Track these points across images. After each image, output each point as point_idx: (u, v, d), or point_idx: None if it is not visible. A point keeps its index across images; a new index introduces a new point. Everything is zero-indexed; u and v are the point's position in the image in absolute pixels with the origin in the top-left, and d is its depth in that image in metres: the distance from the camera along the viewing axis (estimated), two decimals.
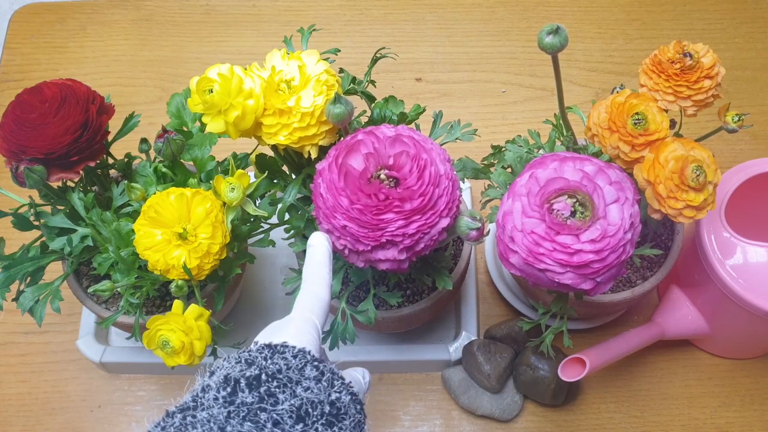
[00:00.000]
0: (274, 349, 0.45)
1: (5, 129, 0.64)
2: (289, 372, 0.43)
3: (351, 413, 0.44)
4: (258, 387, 0.42)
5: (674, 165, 0.58)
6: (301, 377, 0.43)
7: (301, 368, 0.44)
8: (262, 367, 0.43)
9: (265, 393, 0.41)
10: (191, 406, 0.42)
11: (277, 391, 0.42)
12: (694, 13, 1.11)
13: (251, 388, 0.42)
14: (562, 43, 0.59)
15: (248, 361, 0.44)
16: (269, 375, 0.43)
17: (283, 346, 0.46)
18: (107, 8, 1.13)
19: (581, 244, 0.54)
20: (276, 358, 0.44)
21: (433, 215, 0.55)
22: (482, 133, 0.75)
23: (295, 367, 0.44)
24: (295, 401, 0.41)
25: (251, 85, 0.60)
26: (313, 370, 0.44)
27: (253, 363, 0.44)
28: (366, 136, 0.57)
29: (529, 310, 0.87)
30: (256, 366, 0.43)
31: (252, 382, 0.42)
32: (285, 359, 0.44)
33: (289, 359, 0.45)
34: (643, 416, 0.84)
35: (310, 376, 0.44)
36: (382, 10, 1.12)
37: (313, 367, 0.44)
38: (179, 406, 0.42)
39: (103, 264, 0.67)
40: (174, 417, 0.41)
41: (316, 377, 0.44)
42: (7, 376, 0.88)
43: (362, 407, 0.47)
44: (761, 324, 0.76)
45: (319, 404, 0.42)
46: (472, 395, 0.83)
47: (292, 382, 0.43)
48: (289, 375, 0.43)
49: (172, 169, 0.69)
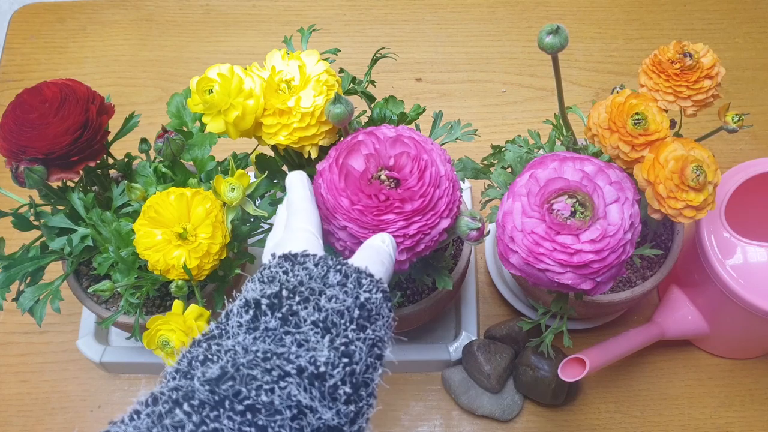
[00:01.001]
0: (293, 260, 0.44)
1: (5, 129, 0.64)
2: (312, 282, 0.42)
3: (384, 313, 0.43)
4: (280, 307, 0.41)
5: (674, 165, 0.58)
6: (324, 286, 0.42)
7: (324, 275, 0.43)
8: (282, 282, 0.42)
9: (287, 313, 0.40)
10: (216, 334, 0.41)
11: (300, 309, 0.41)
12: (694, 13, 1.11)
13: (273, 309, 0.41)
14: (562, 43, 0.59)
15: (269, 278, 0.43)
16: (290, 290, 0.41)
17: (303, 256, 0.44)
18: (107, 8, 1.13)
19: (581, 244, 0.54)
20: (297, 270, 0.43)
21: (434, 216, 0.55)
22: (482, 133, 0.75)
23: (318, 275, 0.43)
24: (319, 315, 0.40)
25: (251, 85, 0.60)
26: (337, 274, 0.43)
27: (274, 279, 0.43)
28: (366, 136, 0.57)
29: (529, 310, 0.87)
30: (277, 282, 0.42)
31: (273, 302, 0.41)
32: (306, 269, 0.43)
33: (310, 268, 0.43)
34: (643, 416, 0.84)
35: (333, 282, 0.42)
36: (382, 10, 1.12)
37: (337, 272, 0.43)
38: (205, 333, 0.42)
39: (103, 264, 0.67)
40: (200, 345, 0.41)
41: (341, 282, 0.42)
42: (7, 376, 0.88)
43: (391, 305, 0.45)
44: (761, 324, 0.76)
45: (346, 311, 0.41)
46: (472, 395, 0.83)
47: (315, 293, 0.41)
48: (312, 286, 0.42)
49: (172, 169, 0.69)
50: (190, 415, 0.36)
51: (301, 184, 0.54)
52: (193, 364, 0.40)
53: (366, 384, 0.41)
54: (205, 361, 0.39)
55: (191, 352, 0.41)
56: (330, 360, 0.39)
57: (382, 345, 0.43)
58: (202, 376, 0.38)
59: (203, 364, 0.39)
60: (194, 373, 0.39)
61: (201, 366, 0.39)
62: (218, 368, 0.38)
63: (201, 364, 0.39)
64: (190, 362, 0.40)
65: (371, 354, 0.41)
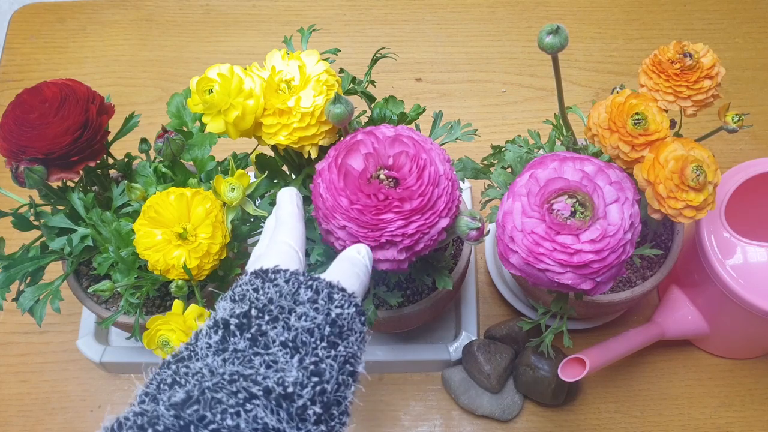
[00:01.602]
0: (264, 277, 0.43)
1: (5, 129, 0.64)
2: (282, 300, 0.41)
3: (356, 328, 0.42)
4: (248, 328, 0.40)
5: (674, 165, 0.58)
6: (294, 304, 0.41)
7: (294, 292, 0.42)
8: (252, 300, 0.42)
9: (256, 333, 0.40)
10: (185, 356, 0.41)
11: (269, 329, 0.40)
12: (694, 13, 1.11)
13: (241, 330, 0.40)
14: (562, 43, 0.59)
15: (240, 296, 0.43)
16: (259, 309, 0.41)
17: (274, 272, 0.44)
18: (107, 8, 1.13)
19: (581, 244, 0.54)
20: (267, 287, 0.42)
21: (433, 215, 0.55)
22: (482, 133, 0.75)
23: (288, 292, 0.42)
24: (288, 335, 0.40)
25: (251, 85, 0.60)
26: (308, 290, 0.42)
27: (244, 297, 0.42)
28: (366, 136, 0.57)
29: (529, 310, 0.87)
30: (247, 300, 0.42)
31: (242, 322, 0.40)
32: (277, 286, 0.42)
33: (281, 285, 0.43)
34: (643, 416, 0.84)
35: (304, 299, 0.42)
36: (382, 10, 1.12)
37: (307, 288, 0.42)
38: (174, 354, 0.41)
39: (103, 264, 0.67)
40: (169, 367, 0.40)
41: (311, 299, 0.42)
42: (7, 376, 0.88)
43: (365, 319, 0.44)
44: (761, 324, 0.76)
45: (317, 329, 0.40)
46: (472, 395, 0.82)
47: (284, 311, 0.41)
48: (281, 304, 0.41)
49: (172, 169, 0.69)
50: None
51: (290, 200, 0.54)
52: (161, 387, 0.39)
53: (338, 402, 0.40)
54: (173, 384, 0.39)
55: (160, 374, 0.40)
56: (299, 380, 0.38)
57: (354, 361, 0.42)
58: (167, 400, 0.37)
59: (171, 388, 0.39)
60: (160, 397, 0.38)
61: (168, 389, 0.39)
62: (184, 392, 0.37)
63: (169, 387, 0.39)
64: (159, 385, 0.39)
65: (343, 371, 0.41)
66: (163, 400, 0.38)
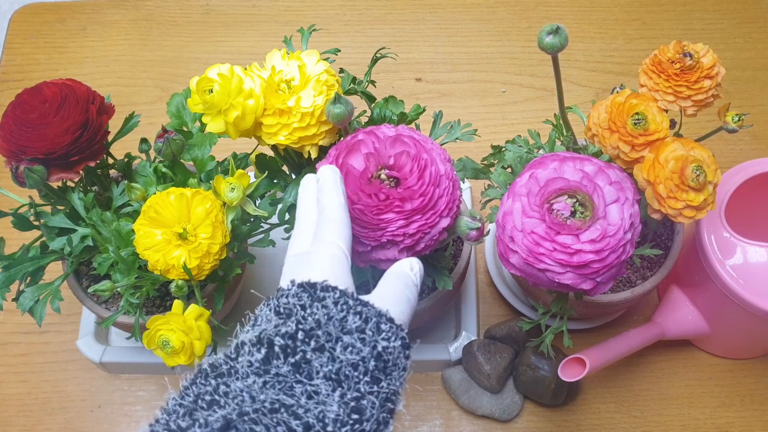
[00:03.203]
0: (313, 295, 0.41)
1: (5, 129, 0.64)
2: (329, 325, 0.40)
3: (400, 363, 0.41)
4: (294, 353, 0.39)
5: (674, 165, 0.58)
6: (341, 332, 0.40)
7: (342, 318, 0.40)
8: (299, 319, 0.40)
9: (300, 360, 0.39)
10: (225, 371, 0.39)
11: (313, 358, 0.39)
12: (694, 13, 1.11)
13: (286, 354, 0.39)
14: (562, 43, 0.59)
15: (286, 311, 0.41)
16: (306, 332, 0.39)
17: (323, 289, 0.42)
18: (107, 8, 1.13)
19: (581, 244, 0.54)
20: (315, 307, 0.41)
21: (434, 215, 0.55)
22: (482, 133, 0.75)
23: (336, 317, 0.40)
24: (332, 366, 0.39)
25: (251, 85, 0.60)
26: (356, 318, 0.41)
27: (290, 314, 0.41)
28: (366, 135, 0.57)
29: (529, 310, 0.87)
30: (294, 318, 0.40)
31: (287, 344, 0.39)
32: (325, 307, 0.41)
33: (329, 307, 0.41)
34: (643, 416, 0.84)
35: (351, 327, 0.40)
36: (382, 10, 1.12)
37: (356, 314, 0.41)
38: (213, 365, 0.40)
39: (103, 264, 0.67)
40: (208, 381, 0.39)
41: (359, 328, 0.40)
42: (7, 376, 0.88)
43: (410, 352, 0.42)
44: (761, 324, 0.76)
45: (361, 362, 0.39)
46: (472, 395, 0.83)
47: (331, 339, 0.39)
48: (329, 330, 0.40)
49: (172, 169, 0.69)
50: None
51: (335, 186, 0.51)
52: (199, 403, 0.38)
53: None
54: (211, 403, 0.38)
55: (199, 387, 0.39)
56: (339, 417, 0.37)
57: (395, 399, 0.40)
58: (205, 424, 0.36)
59: (209, 407, 0.38)
60: (197, 416, 0.37)
61: (207, 408, 0.38)
62: (222, 417, 0.36)
63: (207, 405, 0.38)
64: (197, 399, 0.39)
65: (383, 409, 0.39)
66: (200, 422, 0.36)
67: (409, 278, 0.48)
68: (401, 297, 0.46)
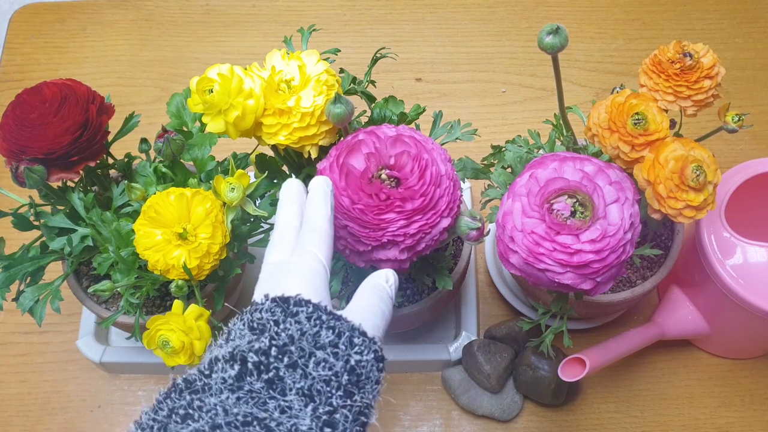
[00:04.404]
0: (286, 309, 0.42)
1: (5, 129, 0.64)
2: (303, 341, 0.40)
3: (373, 376, 0.41)
4: (267, 370, 0.39)
5: (674, 165, 0.58)
6: (314, 347, 0.40)
7: (316, 333, 0.41)
8: (272, 335, 0.40)
9: (274, 377, 0.39)
10: (199, 387, 0.40)
11: (287, 375, 0.39)
12: (694, 13, 1.11)
13: (259, 370, 0.39)
14: (562, 43, 0.59)
15: (259, 327, 0.41)
16: (279, 348, 0.40)
17: (296, 304, 0.42)
18: (107, 8, 1.13)
19: (581, 244, 0.54)
20: (288, 322, 0.41)
21: (435, 215, 0.55)
22: (482, 133, 0.75)
23: (309, 332, 0.41)
24: (305, 383, 0.39)
25: (251, 85, 0.60)
26: (329, 332, 0.41)
27: (264, 330, 0.41)
28: (367, 135, 0.57)
29: (529, 310, 0.87)
30: (267, 334, 0.40)
31: (261, 361, 0.39)
32: (299, 322, 0.41)
33: (302, 322, 0.41)
34: (643, 416, 0.84)
35: (325, 342, 0.41)
36: (382, 10, 1.12)
37: (329, 329, 0.41)
38: (187, 380, 0.40)
39: (103, 264, 0.67)
40: (183, 396, 0.40)
41: (332, 342, 0.41)
42: (7, 376, 0.88)
43: (383, 365, 0.43)
44: (761, 324, 0.76)
45: (334, 377, 0.40)
46: (472, 395, 0.83)
47: (304, 355, 0.40)
48: (302, 346, 0.40)
49: (172, 169, 0.69)
50: None
51: (324, 198, 0.50)
52: (173, 417, 0.39)
53: None
54: (185, 417, 0.38)
55: (173, 401, 0.39)
56: (311, 430, 0.38)
57: (368, 412, 0.41)
58: None
59: (183, 420, 0.38)
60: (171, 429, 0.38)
61: (180, 422, 0.38)
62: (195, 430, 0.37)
63: (181, 420, 0.38)
64: (171, 413, 0.39)
65: (356, 422, 0.40)
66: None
67: (384, 291, 0.48)
68: (376, 310, 0.47)
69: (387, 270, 0.50)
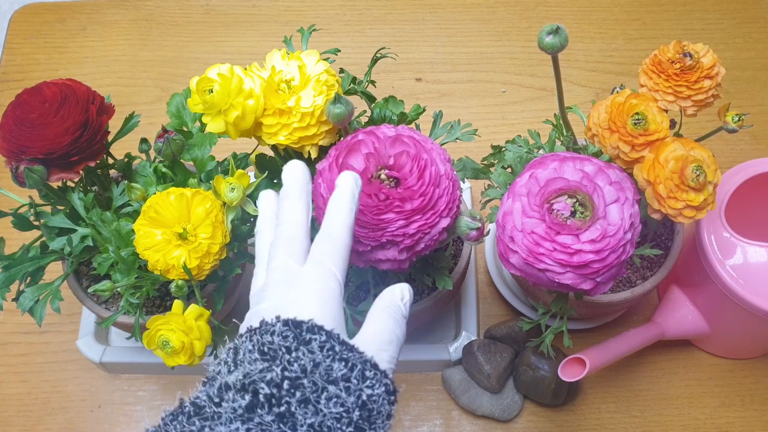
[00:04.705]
0: (298, 336, 0.41)
1: (5, 129, 0.64)
2: (315, 374, 0.40)
3: (384, 410, 0.41)
4: (278, 404, 0.39)
5: (674, 165, 0.58)
6: (326, 382, 0.40)
7: (328, 366, 0.40)
8: (285, 365, 0.40)
9: (285, 412, 0.39)
10: (209, 415, 0.39)
11: (297, 411, 0.39)
12: (694, 13, 1.11)
13: (271, 404, 0.39)
14: (562, 43, 0.59)
15: (271, 353, 0.40)
16: (292, 381, 0.39)
17: (309, 330, 0.41)
18: (107, 8, 1.13)
19: (581, 244, 0.54)
20: (300, 351, 0.40)
21: (434, 215, 0.55)
22: (482, 133, 0.75)
23: (322, 364, 0.40)
24: (316, 419, 0.39)
25: (251, 85, 0.60)
26: (341, 366, 0.40)
27: (276, 357, 0.40)
28: (366, 136, 0.57)
29: (529, 310, 0.87)
30: (279, 363, 0.40)
31: (272, 393, 0.39)
32: (311, 352, 0.40)
33: (315, 352, 0.40)
34: (643, 416, 0.84)
35: (337, 376, 0.40)
36: (382, 10, 1.12)
37: (342, 361, 0.41)
38: (197, 404, 0.40)
39: (103, 264, 0.67)
40: (192, 422, 0.39)
41: (345, 376, 0.40)
42: (7, 376, 0.88)
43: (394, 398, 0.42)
44: (761, 324, 0.76)
45: (345, 413, 0.39)
46: (472, 395, 0.82)
47: (317, 390, 0.39)
48: (314, 380, 0.40)
49: (172, 169, 0.69)
50: None
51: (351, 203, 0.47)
52: None
53: None
54: None
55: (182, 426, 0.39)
56: None
57: None
58: None
59: None
60: None
61: None
62: None
63: None
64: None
65: None
66: None
67: (399, 312, 0.47)
68: (391, 338, 0.45)
69: (403, 286, 0.48)
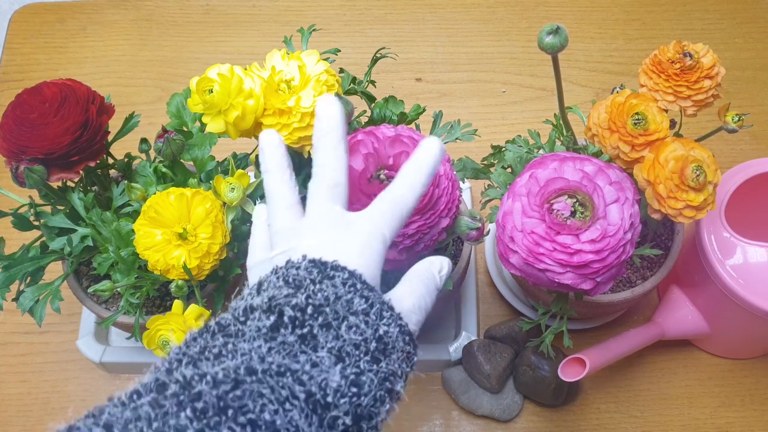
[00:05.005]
0: (323, 272, 0.42)
1: (5, 129, 0.64)
2: (337, 305, 0.41)
3: (399, 346, 0.43)
4: (302, 326, 0.40)
5: (674, 165, 0.58)
6: (348, 312, 0.41)
7: (350, 300, 0.42)
8: (310, 294, 0.41)
9: (307, 333, 0.40)
10: (233, 332, 0.40)
11: (320, 333, 0.40)
12: (694, 13, 1.11)
13: (294, 326, 0.40)
14: (562, 43, 0.59)
15: (296, 282, 0.42)
16: (315, 308, 0.41)
17: (333, 268, 0.43)
18: (107, 8, 1.13)
19: (581, 244, 0.54)
20: (324, 284, 0.42)
21: (433, 215, 0.55)
22: (482, 133, 0.75)
23: (344, 297, 0.42)
24: (336, 344, 0.40)
25: (251, 85, 0.60)
26: (362, 302, 0.42)
27: (300, 286, 0.42)
28: (366, 136, 0.57)
29: (529, 310, 0.87)
30: (303, 291, 0.41)
31: (296, 316, 0.40)
32: (334, 286, 0.42)
33: (338, 287, 0.42)
34: (643, 416, 0.84)
35: (357, 309, 0.42)
36: (382, 10, 1.12)
37: (362, 299, 0.42)
38: (221, 324, 0.41)
39: (103, 264, 0.67)
40: (216, 338, 0.40)
41: (364, 311, 0.42)
42: (7, 376, 0.88)
43: (411, 338, 0.44)
44: (761, 324, 0.76)
45: (363, 343, 0.41)
46: (472, 395, 0.82)
47: (338, 317, 0.41)
48: (336, 309, 0.41)
49: (172, 169, 0.69)
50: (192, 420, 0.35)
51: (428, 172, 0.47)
52: (206, 354, 0.39)
53: (370, 417, 0.40)
54: (218, 356, 0.39)
55: (206, 341, 0.40)
56: (341, 387, 0.39)
57: (393, 380, 0.42)
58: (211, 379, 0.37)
59: (216, 358, 0.39)
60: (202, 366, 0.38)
61: (213, 360, 0.39)
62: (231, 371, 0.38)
63: (213, 357, 0.39)
64: (203, 351, 0.40)
65: (381, 387, 0.41)
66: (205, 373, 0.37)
67: (433, 282, 0.48)
68: (420, 303, 0.47)
69: (443, 258, 0.49)
